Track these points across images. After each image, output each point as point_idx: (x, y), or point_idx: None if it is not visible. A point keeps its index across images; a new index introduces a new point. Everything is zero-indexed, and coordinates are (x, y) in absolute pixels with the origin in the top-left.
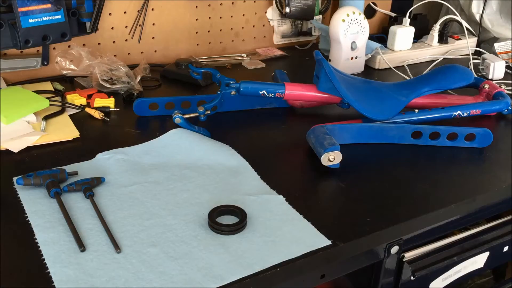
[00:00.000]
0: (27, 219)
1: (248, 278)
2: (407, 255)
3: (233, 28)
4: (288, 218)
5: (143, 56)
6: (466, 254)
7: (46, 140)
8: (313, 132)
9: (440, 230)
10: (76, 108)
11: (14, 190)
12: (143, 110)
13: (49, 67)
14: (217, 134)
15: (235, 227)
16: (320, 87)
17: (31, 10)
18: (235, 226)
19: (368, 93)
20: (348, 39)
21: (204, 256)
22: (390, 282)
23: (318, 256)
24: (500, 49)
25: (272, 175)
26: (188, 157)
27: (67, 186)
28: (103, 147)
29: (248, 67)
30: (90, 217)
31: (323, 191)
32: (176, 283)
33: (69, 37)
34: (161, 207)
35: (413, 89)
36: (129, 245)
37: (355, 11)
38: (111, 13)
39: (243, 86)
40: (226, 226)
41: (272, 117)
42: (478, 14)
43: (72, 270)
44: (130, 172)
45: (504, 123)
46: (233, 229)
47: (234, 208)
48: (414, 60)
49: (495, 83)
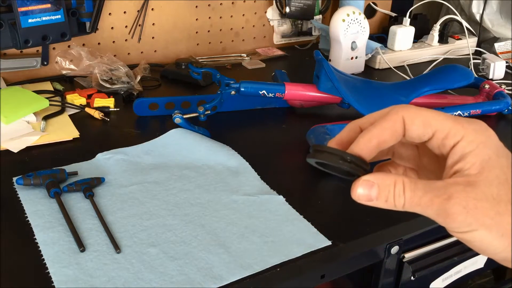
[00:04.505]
0: (27, 219)
1: (248, 278)
2: (407, 255)
3: (233, 28)
4: (288, 218)
5: (143, 56)
6: (466, 254)
7: (46, 140)
8: (313, 132)
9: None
10: (76, 108)
11: (14, 190)
12: (143, 110)
13: (49, 67)
14: (217, 134)
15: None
16: (320, 87)
17: (31, 10)
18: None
19: (368, 93)
20: (348, 39)
21: (204, 256)
22: (391, 282)
23: (318, 256)
24: (501, 49)
25: (272, 175)
26: (188, 157)
27: (67, 186)
28: (103, 147)
29: (248, 67)
30: (90, 217)
31: (323, 191)
32: (176, 283)
33: (69, 37)
34: (161, 207)
35: (413, 89)
36: (129, 245)
37: (355, 11)
38: (111, 13)
39: (243, 86)
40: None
41: (272, 117)
42: (478, 14)
43: (72, 270)
44: (130, 172)
45: (504, 123)
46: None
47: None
48: (414, 60)
49: (495, 83)
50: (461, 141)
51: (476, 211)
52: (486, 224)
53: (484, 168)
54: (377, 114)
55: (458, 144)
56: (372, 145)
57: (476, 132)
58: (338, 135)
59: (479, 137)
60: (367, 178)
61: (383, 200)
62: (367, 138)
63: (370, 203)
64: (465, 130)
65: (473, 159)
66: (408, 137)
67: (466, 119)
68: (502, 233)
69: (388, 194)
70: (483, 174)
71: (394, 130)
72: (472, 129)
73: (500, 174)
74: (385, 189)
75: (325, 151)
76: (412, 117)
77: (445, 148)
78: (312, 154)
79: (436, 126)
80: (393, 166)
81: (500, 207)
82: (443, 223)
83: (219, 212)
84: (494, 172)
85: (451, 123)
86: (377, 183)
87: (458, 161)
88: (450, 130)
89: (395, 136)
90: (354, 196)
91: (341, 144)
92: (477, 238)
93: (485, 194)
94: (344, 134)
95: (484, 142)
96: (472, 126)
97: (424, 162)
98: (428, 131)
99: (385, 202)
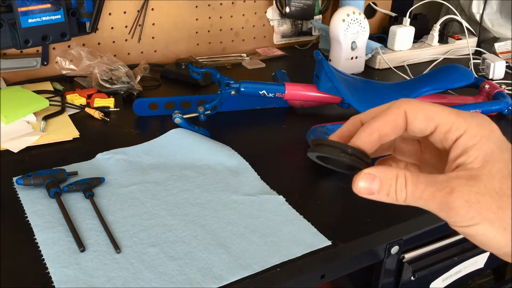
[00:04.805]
0: (27, 219)
1: (248, 278)
2: (407, 255)
3: (233, 28)
4: (288, 218)
5: (143, 56)
6: (466, 254)
7: (46, 140)
8: (313, 132)
9: (440, 230)
10: (76, 108)
11: (14, 190)
12: (143, 110)
13: (49, 67)
14: (217, 134)
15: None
16: (320, 87)
17: (31, 10)
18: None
19: (368, 93)
20: (348, 39)
21: (204, 256)
22: (391, 282)
23: (318, 256)
24: (501, 49)
25: (272, 175)
26: (188, 157)
27: (67, 186)
28: (103, 147)
29: (248, 67)
30: (89, 217)
31: (323, 191)
32: (175, 283)
33: (68, 37)
34: (161, 207)
35: (413, 89)
36: (128, 245)
37: (355, 11)
38: (111, 13)
39: (243, 86)
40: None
41: (272, 117)
42: (478, 14)
43: (72, 270)
44: (130, 172)
45: (504, 123)
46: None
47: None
48: (414, 60)
49: (495, 83)
50: (464, 134)
51: (479, 205)
52: (489, 218)
53: (487, 162)
54: (379, 109)
55: (461, 137)
56: (373, 138)
57: (479, 126)
58: (339, 129)
59: (482, 131)
60: (368, 171)
61: (385, 194)
62: (369, 131)
63: (372, 196)
64: (468, 124)
65: (475, 153)
66: (410, 131)
67: (469, 113)
68: (505, 227)
69: (390, 188)
70: (485, 168)
71: (396, 123)
72: (475, 123)
73: (503, 168)
74: (386, 183)
75: (326, 144)
76: (415, 111)
77: (447, 142)
78: (313, 148)
79: (438, 120)
80: (394, 161)
81: (502, 201)
82: (445, 217)
83: (219, 212)
84: (497, 166)
85: (454, 117)
86: (379, 176)
87: (461, 155)
88: (453, 124)
89: (396, 130)
90: (355, 189)
91: (342, 138)
92: (480, 232)
93: (488, 188)
94: (345, 129)
95: (487, 136)
96: (475, 120)
97: (426, 157)
98: (430, 125)
99: (387, 195)
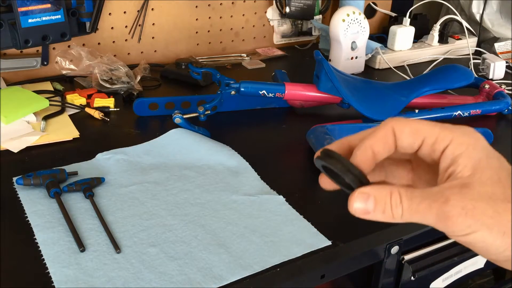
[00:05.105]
0: (27, 219)
1: (248, 278)
2: (407, 256)
3: (233, 28)
4: (288, 218)
5: (143, 56)
6: (466, 254)
7: (46, 140)
8: (313, 132)
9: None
10: (76, 108)
11: (14, 190)
12: (143, 110)
13: (49, 67)
14: (217, 134)
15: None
16: (320, 87)
17: (31, 10)
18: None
19: (368, 93)
20: (348, 39)
21: (204, 256)
22: (391, 282)
23: (318, 256)
24: (501, 49)
25: (272, 175)
26: (188, 157)
27: (67, 186)
28: (103, 147)
29: (248, 67)
30: (89, 217)
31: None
32: (175, 283)
33: (68, 37)
34: (161, 207)
35: (413, 89)
36: (128, 245)
37: (355, 11)
38: (111, 13)
39: (243, 86)
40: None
41: (272, 117)
42: (478, 14)
43: (72, 270)
44: (130, 172)
45: (504, 123)
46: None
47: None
48: (414, 60)
49: (495, 83)
50: (450, 144)
51: (475, 211)
52: (486, 223)
53: (476, 170)
54: (367, 130)
55: (448, 147)
56: (368, 155)
57: (464, 135)
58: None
59: (468, 139)
60: (362, 190)
61: (380, 212)
62: (363, 149)
63: (368, 216)
64: (453, 134)
65: (464, 161)
66: (399, 147)
67: (453, 125)
68: (504, 231)
69: (385, 205)
70: (476, 175)
71: (386, 140)
72: (460, 132)
73: (492, 174)
74: (381, 200)
75: (335, 158)
76: (401, 126)
77: (435, 154)
78: (322, 157)
79: (424, 133)
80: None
81: (497, 206)
82: (443, 227)
83: (219, 212)
84: (487, 173)
85: (438, 128)
86: (373, 195)
87: (450, 164)
88: (439, 135)
89: (387, 147)
90: (351, 210)
91: None
92: (479, 239)
93: (481, 194)
94: (334, 148)
95: (473, 144)
96: (460, 130)
97: (419, 175)
98: (417, 139)
99: (383, 213)
